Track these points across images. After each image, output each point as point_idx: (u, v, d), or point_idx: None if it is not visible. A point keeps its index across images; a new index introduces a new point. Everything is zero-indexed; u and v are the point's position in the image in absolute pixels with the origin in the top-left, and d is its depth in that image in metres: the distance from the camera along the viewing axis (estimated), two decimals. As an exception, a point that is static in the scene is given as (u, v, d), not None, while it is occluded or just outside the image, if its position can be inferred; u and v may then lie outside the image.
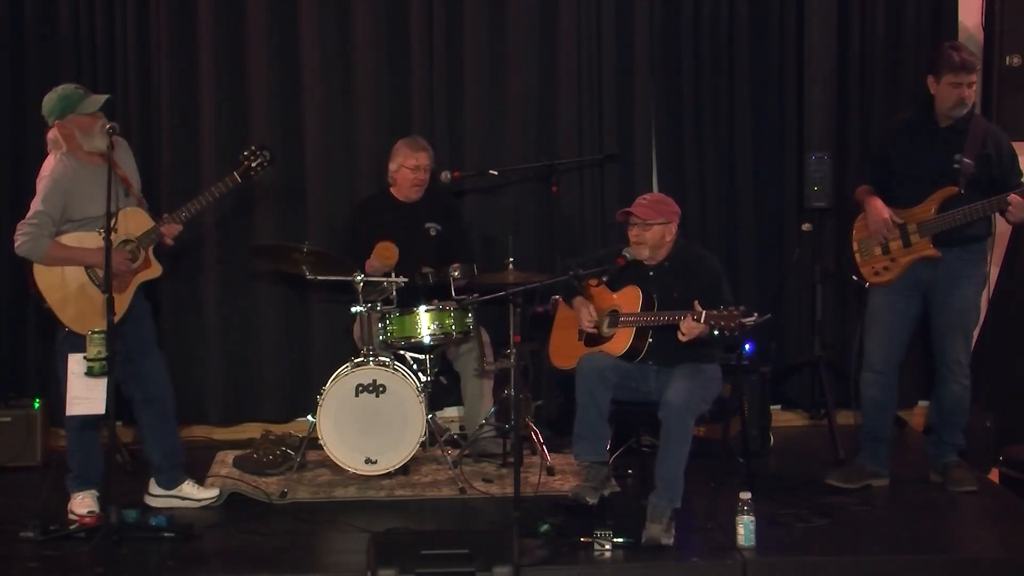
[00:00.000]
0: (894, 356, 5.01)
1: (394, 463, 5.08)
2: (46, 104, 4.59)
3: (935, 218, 4.84)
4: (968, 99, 4.83)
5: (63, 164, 4.58)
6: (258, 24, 5.97)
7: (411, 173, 5.64)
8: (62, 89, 4.62)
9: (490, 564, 3.97)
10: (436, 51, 6.04)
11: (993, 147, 4.84)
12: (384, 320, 5.27)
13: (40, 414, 5.58)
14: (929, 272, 4.91)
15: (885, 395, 5.03)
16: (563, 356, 4.98)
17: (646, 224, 4.72)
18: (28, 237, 4.51)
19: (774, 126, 6.19)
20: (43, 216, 4.52)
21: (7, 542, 4.46)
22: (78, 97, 4.57)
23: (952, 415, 5.00)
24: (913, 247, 4.90)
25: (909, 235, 4.90)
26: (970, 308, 4.97)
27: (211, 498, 4.90)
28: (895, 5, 6.12)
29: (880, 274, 4.98)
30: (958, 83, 4.80)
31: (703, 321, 4.37)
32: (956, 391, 4.94)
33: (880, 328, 5.00)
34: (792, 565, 4.29)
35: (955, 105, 4.83)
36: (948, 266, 4.88)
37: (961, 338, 4.94)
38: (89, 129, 4.55)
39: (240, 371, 6.13)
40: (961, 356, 4.93)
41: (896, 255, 4.94)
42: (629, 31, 6.10)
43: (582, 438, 4.72)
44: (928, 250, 4.87)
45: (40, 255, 4.53)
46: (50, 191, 4.55)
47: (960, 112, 4.84)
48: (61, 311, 4.57)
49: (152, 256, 4.72)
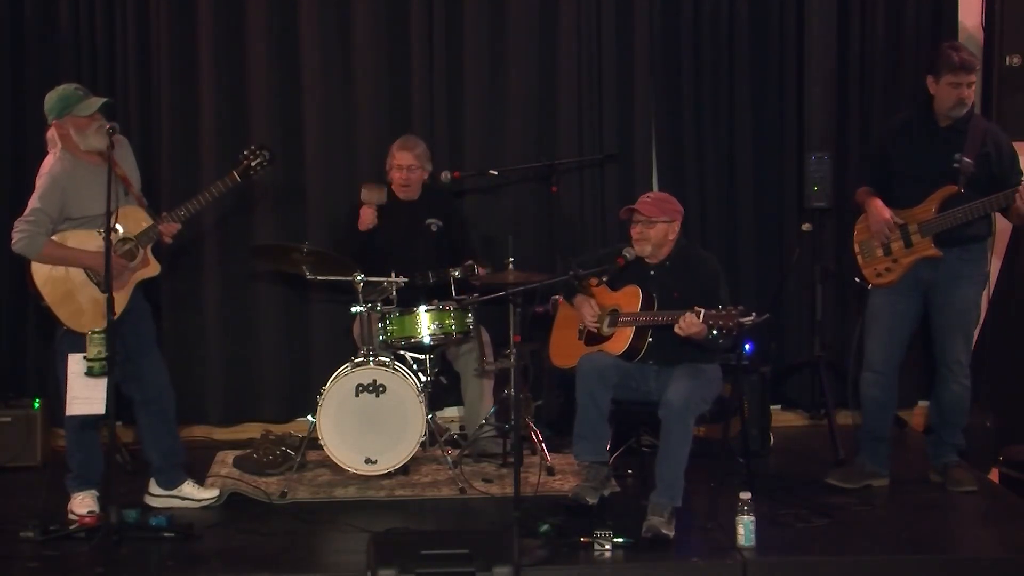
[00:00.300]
0: (894, 356, 5.01)
1: (394, 463, 5.08)
2: (46, 103, 4.61)
3: (936, 218, 4.84)
4: (968, 99, 4.83)
5: (61, 163, 4.59)
6: (258, 24, 5.97)
7: (396, 172, 5.66)
8: (62, 89, 4.63)
9: (490, 564, 3.97)
10: (436, 51, 6.04)
11: (993, 146, 4.84)
12: (384, 320, 5.27)
13: (40, 414, 5.58)
14: (930, 272, 4.91)
15: (885, 395, 5.03)
16: (563, 355, 4.98)
17: (650, 221, 4.72)
18: (24, 235, 4.51)
19: (774, 126, 6.19)
20: (40, 214, 4.53)
21: (7, 542, 4.46)
22: (77, 98, 4.57)
23: (952, 415, 5.00)
24: (915, 247, 4.90)
25: (911, 235, 4.90)
26: (970, 308, 4.97)
27: (211, 498, 4.90)
28: (895, 5, 6.12)
29: (883, 275, 4.98)
30: (958, 83, 4.80)
31: (702, 320, 4.37)
32: (956, 391, 4.94)
33: (880, 328, 5.00)
34: (792, 565, 4.29)
35: (955, 105, 4.83)
36: (948, 266, 4.88)
37: (961, 338, 4.93)
38: (85, 129, 4.56)
39: (240, 371, 6.13)
40: (961, 356, 4.93)
41: (898, 256, 4.94)
42: (629, 31, 6.10)
43: (582, 438, 4.72)
44: (930, 250, 4.87)
45: (36, 253, 4.54)
46: (48, 189, 4.56)
47: (960, 112, 4.84)
48: (59, 309, 4.58)
49: (151, 255, 4.72)
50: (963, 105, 4.83)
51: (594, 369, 4.68)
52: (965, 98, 4.82)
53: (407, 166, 5.66)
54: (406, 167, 5.65)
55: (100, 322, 4.37)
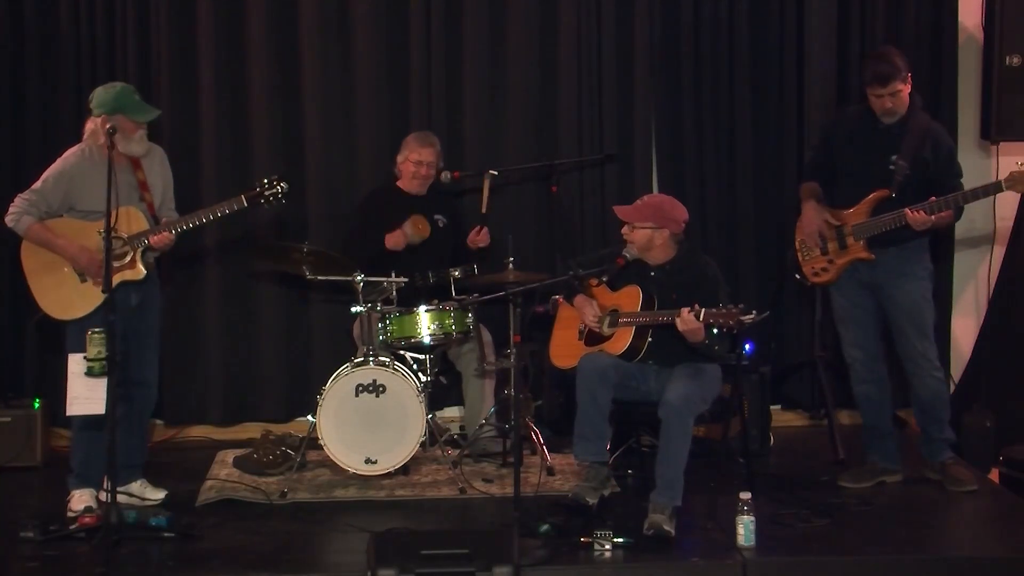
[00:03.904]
0: (871, 350, 5.03)
1: (394, 463, 5.08)
2: (99, 96, 4.66)
3: (867, 221, 4.88)
4: (894, 107, 4.82)
5: (79, 155, 4.66)
6: (258, 24, 5.96)
7: (413, 167, 5.66)
8: (121, 87, 4.72)
9: (490, 564, 3.97)
10: (436, 51, 6.04)
11: (931, 149, 4.85)
12: (384, 320, 5.27)
13: (40, 414, 5.58)
14: (869, 273, 4.94)
15: (876, 390, 5.05)
16: (563, 355, 4.98)
17: (632, 226, 4.73)
18: (17, 211, 4.65)
19: (774, 126, 6.19)
20: (38, 195, 4.65)
21: (7, 542, 4.46)
22: (132, 102, 4.66)
23: (933, 409, 4.99)
24: (848, 249, 4.93)
25: (844, 237, 4.93)
26: (918, 303, 4.93)
27: (156, 500, 4.90)
28: (895, 5, 6.12)
29: (819, 274, 5.03)
30: (877, 95, 4.81)
31: (701, 319, 4.37)
32: (931, 385, 4.94)
33: (850, 328, 5.05)
34: (792, 565, 4.29)
35: (882, 114, 4.86)
36: (887, 266, 4.90)
37: (915, 333, 4.92)
38: (131, 134, 4.66)
39: (240, 371, 6.13)
40: (923, 351, 4.92)
41: (833, 256, 4.98)
42: (629, 31, 6.10)
43: (582, 438, 4.72)
44: (861, 253, 4.90)
45: (22, 231, 4.66)
46: (55, 176, 4.66)
47: (890, 120, 4.87)
48: (40, 295, 4.70)
49: (139, 259, 4.72)
50: (891, 114, 4.85)
51: (595, 369, 4.68)
52: (889, 108, 4.83)
53: (428, 162, 5.67)
54: (427, 163, 5.67)
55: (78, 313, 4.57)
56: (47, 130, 5.91)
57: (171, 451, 5.89)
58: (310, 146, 6.04)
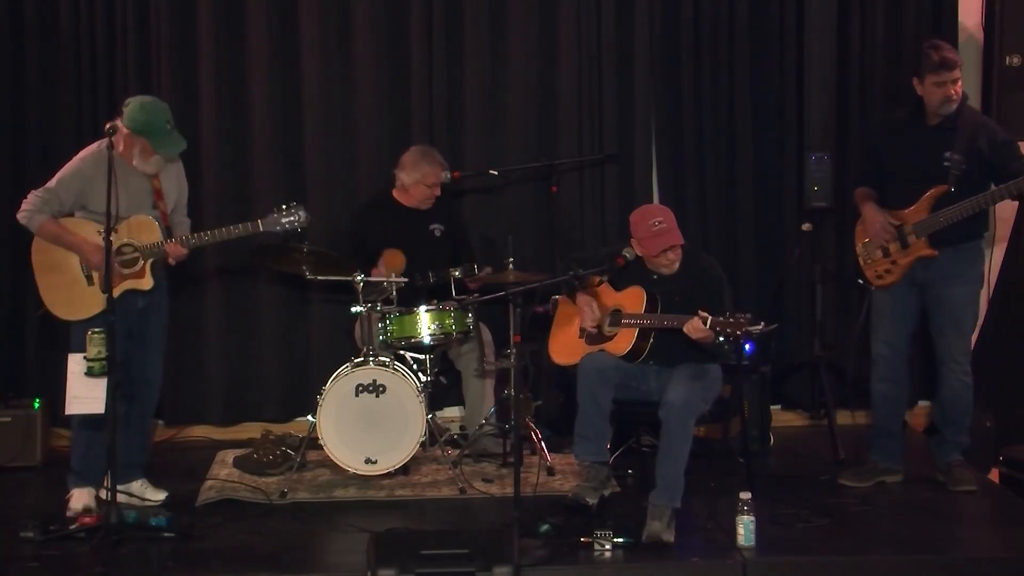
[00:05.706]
0: (900, 350, 5.04)
1: (394, 463, 5.08)
2: (133, 111, 4.62)
3: (928, 218, 4.86)
4: (955, 95, 4.84)
5: (96, 155, 4.65)
6: (258, 24, 5.96)
7: (428, 189, 5.62)
8: (154, 108, 4.67)
9: (490, 564, 3.97)
10: (436, 51, 6.03)
11: (985, 140, 4.85)
12: (384, 320, 5.27)
13: (40, 414, 5.58)
14: (923, 272, 4.93)
15: (894, 389, 5.06)
16: (563, 353, 4.97)
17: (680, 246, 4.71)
18: (30, 208, 4.66)
19: (774, 126, 6.18)
20: (51, 193, 4.66)
21: (7, 542, 4.46)
22: (161, 130, 4.64)
23: (954, 413, 5.00)
24: (911, 248, 4.91)
25: (906, 236, 4.91)
26: (964, 307, 4.97)
27: (157, 501, 4.90)
28: (895, 5, 6.12)
29: (883, 277, 5.01)
30: (941, 82, 4.81)
31: (708, 326, 4.37)
32: (956, 388, 4.95)
33: (885, 324, 5.04)
34: (792, 565, 4.29)
35: (942, 103, 4.85)
36: (940, 266, 4.90)
37: (955, 336, 4.94)
38: (148, 156, 4.67)
39: (240, 371, 6.13)
40: (957, 354, 4.94)
41: (896, 257, 4.96)
42: (629, 31, 6.10)
43: (583, 438, 4.72)
44: (924, 250, 4.89)
45: (35, 228, 4.68)
46: (70, 175, 4.68)
47: (949, 109, 4.86)
48: (46, 293, 4.70)
49: (149, 269, 4.73)
50: (951, 102, 4.85)
51: (595, 369, 4.68)
52: (951, 95, 4.83)
53: (440, 182, 5.63)
54: (440, 183, 5.63)
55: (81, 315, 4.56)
56: (47, 130, 5.91)
57: (171, 451, 5.88)
58: (310, 145, 6.03)
